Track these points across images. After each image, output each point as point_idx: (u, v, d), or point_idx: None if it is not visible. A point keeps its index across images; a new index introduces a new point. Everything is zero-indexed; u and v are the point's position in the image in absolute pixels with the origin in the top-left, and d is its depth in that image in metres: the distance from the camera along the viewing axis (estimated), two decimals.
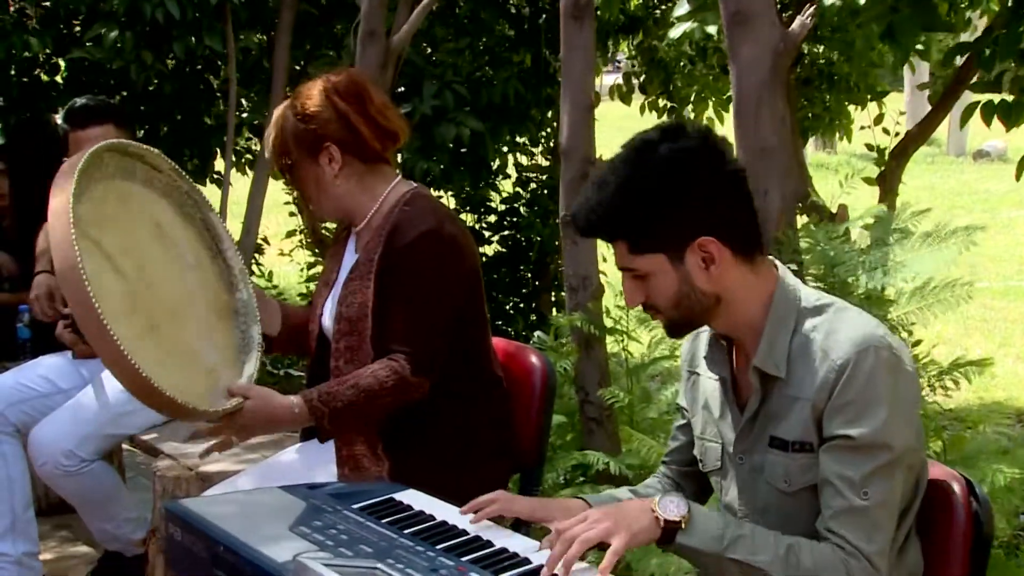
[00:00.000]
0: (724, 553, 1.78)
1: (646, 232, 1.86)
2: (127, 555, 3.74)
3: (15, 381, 3.73)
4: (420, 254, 2.51)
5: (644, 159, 1.84)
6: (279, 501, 2.07)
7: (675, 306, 1.90)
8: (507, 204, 6.80)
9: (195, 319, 2.48)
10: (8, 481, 3.60)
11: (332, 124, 2.57)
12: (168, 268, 2.49)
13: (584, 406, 3.79)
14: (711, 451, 2.03)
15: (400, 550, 1.82)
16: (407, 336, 2.48)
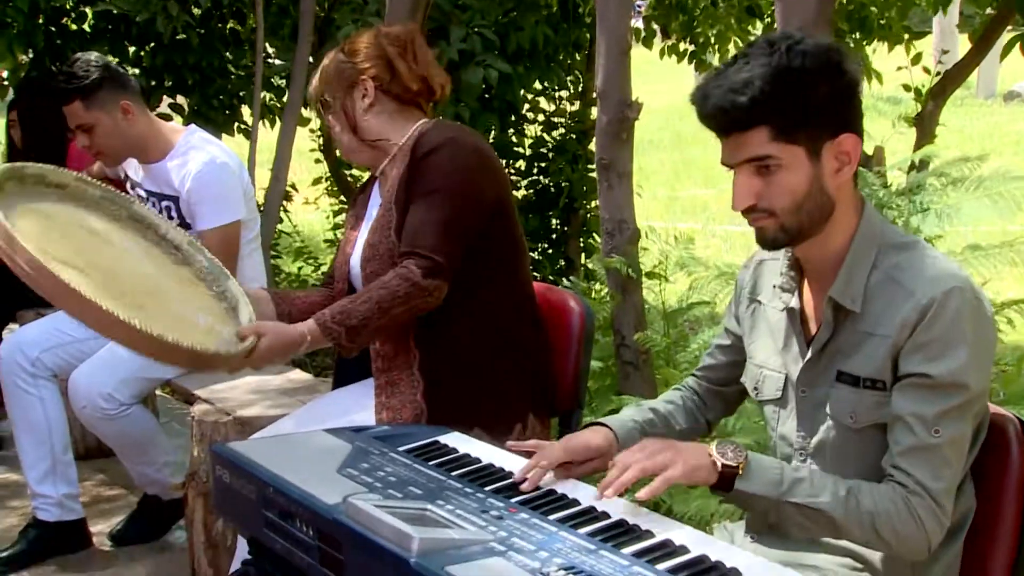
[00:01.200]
0: (783, 497, 1.76)
1: (796, 118, 1.77)
2: (165, 499, 3.77)
3: (51, 327, 3.74)
4: (437, 159, 2.50)
5: (791, 51, 1.76)
6: (325, 444, 2.06)
7: (796, 208, 1.81)
8: (534, 149, 6.76)
9: (170, 294, 2.49)
10: (47, 424, 3.63)
11: (372, 61, 2.61)
12: (121, 261, 2.50)
13: (620, 350, 3.78)
14: (771, 381, 2.00)
15: (449, 492, 1.81)
16: (418, 239, 2.45)
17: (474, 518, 1.69)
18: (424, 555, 1.52)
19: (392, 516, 1.61)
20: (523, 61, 6.06)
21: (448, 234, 2.45)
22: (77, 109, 3.50)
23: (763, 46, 1.79)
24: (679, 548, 1.63)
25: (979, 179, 2.85)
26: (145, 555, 3.73)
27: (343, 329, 2.39)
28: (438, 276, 2.43)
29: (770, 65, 1.75)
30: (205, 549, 3.19)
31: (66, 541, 3.70)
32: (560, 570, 1.51)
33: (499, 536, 1.62)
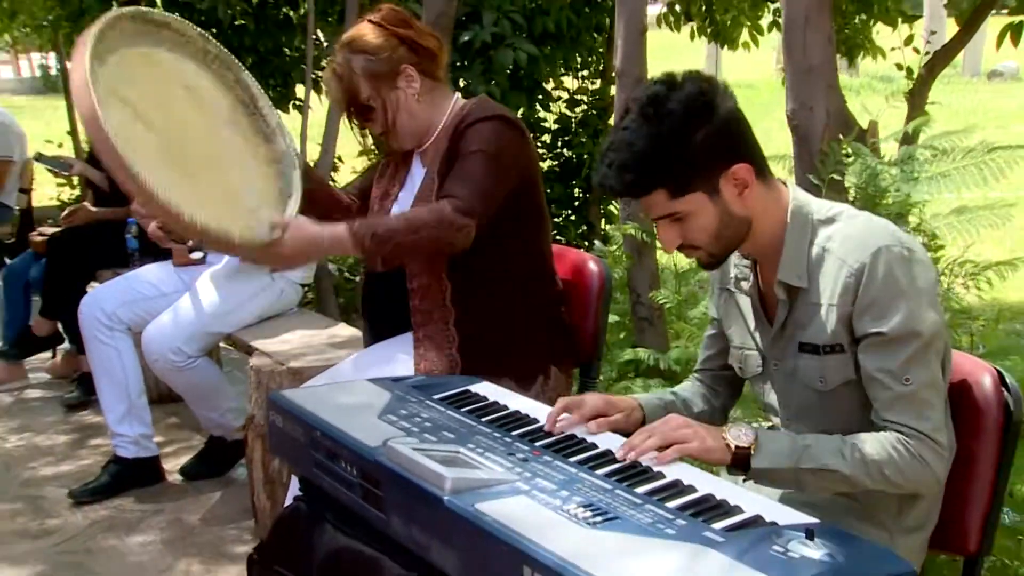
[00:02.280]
0: (796, 465, 1.75)
1: (684, 174, 1.78)
2: (228, 439, 3.81)
3: (125, 285, 3.78)
4: (481, 128, 2.44)
5: (662, 111, 1.75)
6: (368, 392, 2.06)
7: (716, 238, 1.84)
8: (559, 124, 6.72)
9: (234, 166, 2.35)
10: (123, 371, 3.68)
11: (400, 49, 2.49)
12: (201, 122, 2.35)
13: (636, 307, 3.76)
14: (750, 359, 2.00)
15: (479, 436, 1.81)
16: (456, 184, 2.40)
17: (502, 460, 1.68)
18: (456, 493, 1.52)
19: (427, 458, 1.60)
20: (549, 43, 6.01)
21: (481, 187, 2.40)
22: None
23: (637, 113, 1.78)
24: (687, 487, 1.62)
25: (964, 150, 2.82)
26: (211, 489, 3.77)
27: (370, 233, 2.29)
28: (468, 216, 2.36)
29: (647, 135, 1.75)
30: (263, 484, 3.22)
31: (142, 475, 3.76)
32: (579, 507, 1.50)
33: (524, 476, 1.62)
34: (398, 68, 2.49)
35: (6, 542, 3.43)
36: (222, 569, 3.16)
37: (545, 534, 1.41)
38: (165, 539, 3.40)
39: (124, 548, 3.36)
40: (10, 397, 4.91)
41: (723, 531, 1.45)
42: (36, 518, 3.60)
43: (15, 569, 3.24)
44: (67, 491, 3.72)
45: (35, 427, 4.48)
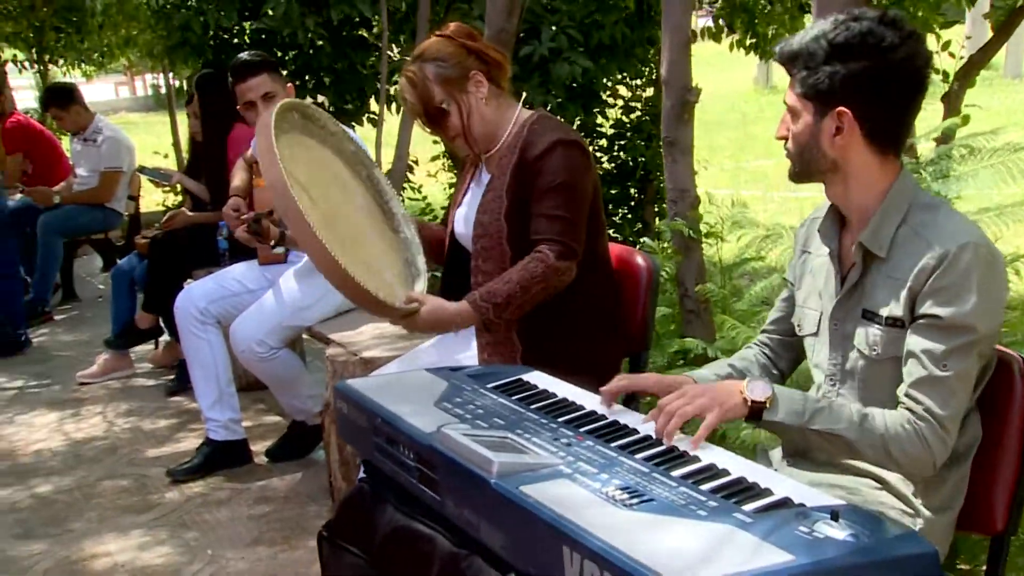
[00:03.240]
0: (806, 425, 1.72)
1: (810, 78, 1.76)
2: (309, 424, 3.83)
3: (216, 283, 3.82)
4: (555, 158, 2.42)
5: (846, 25, 1.74)
6: (426, 381, 2.05)
7: (799, 152, 1.82)
8: (615, 130, 6.67)
9: (371, 246, 2.45)
10: (214, 362, 3.72)
11: (468, 57, 2.48)
12: (346, 206, 2.47)
13: (684, 300, 3.71)
14: (809, 317, 1.95)
15: (527, 422, 1.79)
16: (549, 228, 2.40)
17: (547, 445, 1.66)
18: (502, 476, 1.51)
19: (477, 443, 1.59)
20: (604, 55, 5.96)
21: (571, 223, 2.41)
22: (265, 79, 3.58)
23: (837, 16, 1.77)
24: (721, 471, 1.58)
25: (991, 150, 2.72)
26: (294, 469, 3.79)
27: (490, 306, 2.36)
28: (569, 258, 2.40)
29: (819, 30, 1.75)
30: (339, 466, 3.23)
31: (232, 457, 3.80)
32: (617, 490, 1.48)
33: (567, 461, 1.59)
34: (467, 73, 2.48)
35: (113, 516, 3.49)
36: (301, 543, 3.18)
37: (583, 515, 1.39)
38: (251, 514, 3.44)
39: (215, 522, 3.40)
40: (118, 384, 5.00)
41: (752, 512, 1.42)
42: (139, 494, 3.66)
43: (121, 540, 3.30)
44: (166, 470, 3.78)
45: (139, 412, 4.56)
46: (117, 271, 5.10)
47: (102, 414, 4.58)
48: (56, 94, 6.29)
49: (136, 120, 21.16)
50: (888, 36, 1.72)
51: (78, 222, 6.29)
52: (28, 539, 3.36)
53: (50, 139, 6.97)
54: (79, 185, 6.33)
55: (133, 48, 10.84)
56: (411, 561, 1.73)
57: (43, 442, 4.26)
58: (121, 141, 6.26)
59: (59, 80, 10.25)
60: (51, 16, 10.38)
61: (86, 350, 5.57)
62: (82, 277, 7.37)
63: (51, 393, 4.93)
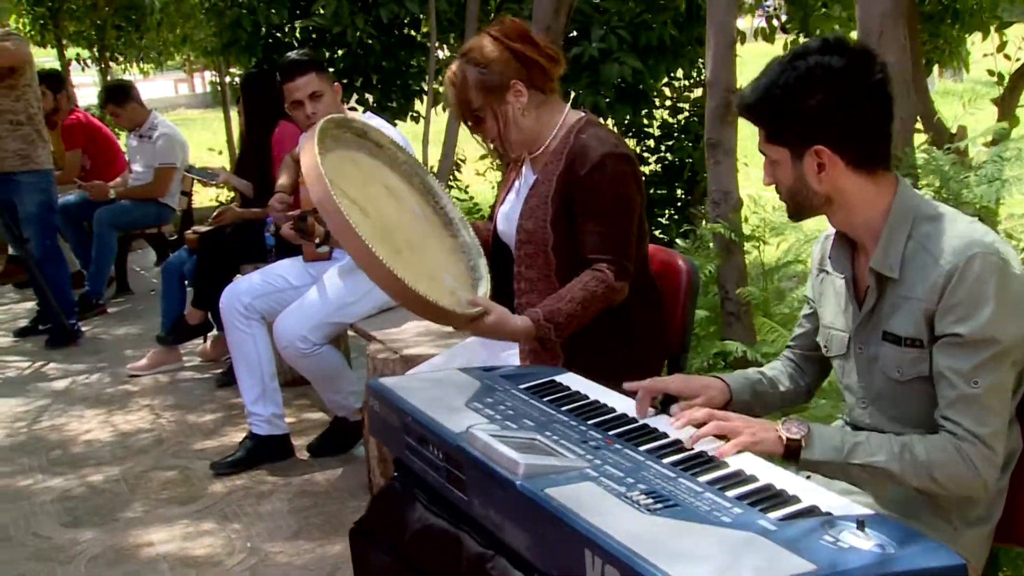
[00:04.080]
0: (846, 460, 1.69)
1: (775, 127, 1.77)
2: (350, 420, 3.85)
3: (261, 279, 3.86)
4: (606, 173, 2.40)
5: (792, 65, 1.73)
6: (459, 380, 2.05)
7: (790, 195, 1.82)
8: (663, 131, 6.63)
9: (430, 253, 2.46)
10: (257, 357, 3.75)
11: (512, 64, 2.44)
12: (401, 216, 2.47)
13: (724, 302, 3.67)
14: (836, 339, 1.91)
15: (556, 424, 1.78)
16: (606, 247, 2.40)
17: (575, 447, 1.66)
18: (528, 478, 1.51)
19: (504, 444, 1.59)
20: (652, 55, 5.93)
21: (625, 242, 2.42)
22: (313, 78, 3.62)
23: (787, 56, 1.76)
24: (748, 477, 1.56)
25: None
26: (335, 465, 3.81)
27: (552, 326, 2.35)
28: (626, 278, 2.41)
29: (769, 79, 1.74)
30: (378, 462, 3.25)
31: (274, 451, 3.83)
32: (642, 494, 1.47)
33: (594, 464, 1.59)
34: (508, 83, 2.45)
35: (159, 506, 3.55)
36: (340, 538, 3.20)
37: (606, 518, 1.38)
38: (292, 508, 3.47)
39: (256, 515, 3.43)
40: (166, 378, 5.07)
41: (777, 520, 1.40)
42: (184, 486, 3.71)
43: (166, 530, 3.35)
44: (210, 463, 3.82)
45: (186, 405, 4.63)
46: (167, 266, 5.17)
47: (150, 406, 4.65)
48: (113, 92, 6.41)
49: (194, 116, 21.46)
50: (834, 62, 1.70)
51: (132, 216, 6.40)
52: (76, 527, 3.43)
53: (108, 135, 7.11)
54: (134, 180, 6.44)
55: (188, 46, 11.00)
56: (438, 560, 1.74)
57: (93, 432, 4.34)
58: (175, 138, 6.36)
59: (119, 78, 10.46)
60: (112, 15, 10.58)
61: (137, 343, 5.66)
62: (135, 271, 7.49)
63: (102, 385, 5.02)
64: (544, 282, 2.49)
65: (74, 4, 10.43)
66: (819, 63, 1.71)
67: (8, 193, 5.57)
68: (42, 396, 4.88)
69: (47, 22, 10.54)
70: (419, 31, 6.54)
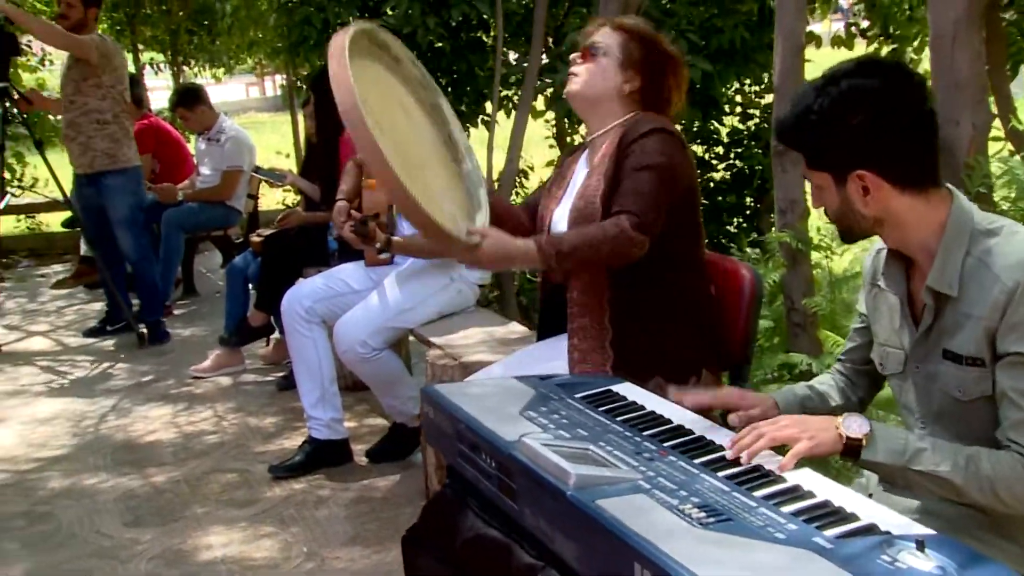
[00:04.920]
0: (908, 465, 1.66)
1: (815, 153, 1.76)
2: (409, 426, 3.88)
3: (322, 283, 3.91)
4: (650, 142, 2.43)
5: (827, 90, 1.71)
6: (514, 389, 2.05)
7: (839, 219, 1.80)
8: (732, 137, 6.57)
9: (435, 175, 2.45)
10: (318, 360, 3.80)
11: (651, 68, 2.54)
12: (411, 134, 2.47)
13: (790, 313, 3.63)
14: (892, 356, 1.88)
15: (611, 435, 1.78)
16: (630, 201, 2.39)
17: (628, 459, 1.65)
18: (579, 489, 1.50)
19: (556, 454, 1.59)
20: (723, 60, 5.87)
21: (654, 202, 2.40)
22: None
23: (820, 80, 1.75)
24: (806, 493, 1.54)
25: None
26: (393, 471, 3.84)
27: (554, 251, 2.35)
28: (644, 231, 2.38)
29: (804, 104, 1.73)
30: (436, 469, 3.26)
31: (333, 456, 3.86)
32: (694, 508, 1.46)
33: (647, 476, 1.58)
34: (631, 60, 2.53)
35: (218, 509, 3.61)
36: (395, 544, 3.17)
37: (657, 532, 1.38)
38: (349, 514, 3.50)
39: (313, 519, 3.47)
40: (229, 380, 5.16)
41: (834, 538, 1.38)
42: (243, 489, 3.77)
43: (225, 533, 3.41)
44: (268, 467, 3.88)
45: (248, 408, 4.70)
46: (232, 268, 5.26)
47: (212, 408, 4.74)
48: (183, 95, 6.57)
49: (264, 120, 21.83)
50: (871, 83, 1.68)
51: (199, 218, 6.54)
52: (137, 527, 3.50)
53: (177, 139, 7.27)
54: (202, 183, 6.58)
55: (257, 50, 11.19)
56: (488, 569, 1.74)
57: (156, 433, 4.43)
58: (243, 141, 6.49)
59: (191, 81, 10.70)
60: (185, 20, 10.83)
61: (202, 345, 5.77)
62: (202, 272, 7.64)
63: (166, 386, 5.13)
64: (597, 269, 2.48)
65: (149, 10, 10.70)
66: (853, 85, 1.69)
67: (98, 196, 5.70)
68: (109, 396, 5.00)
69: (124, 27, 10.83)
70: (489, 34, 6.56)
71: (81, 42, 5.42)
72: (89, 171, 5.63)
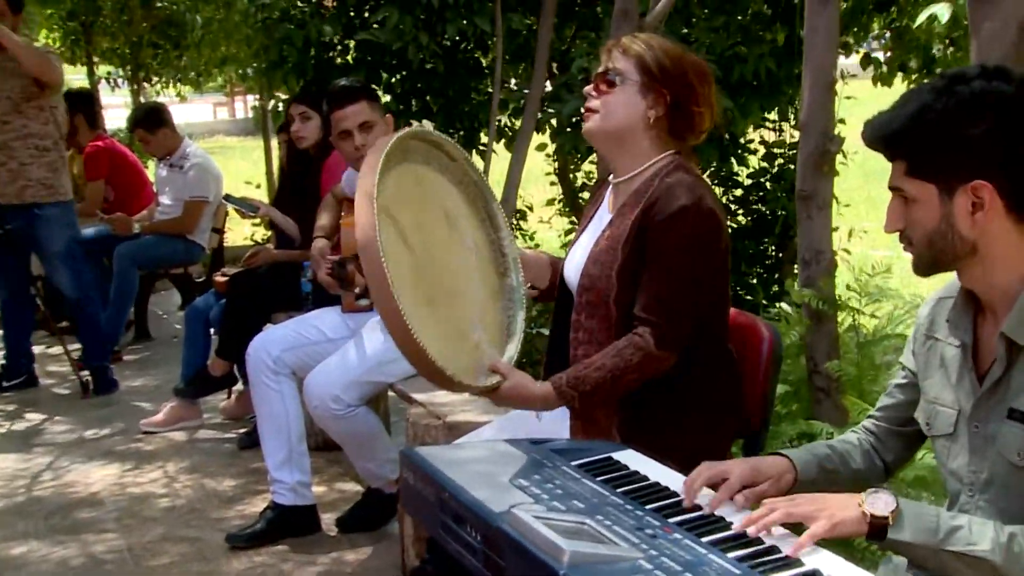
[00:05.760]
0: (941, 546, 1.67)
1: (925, 157, 1.75)
2: (385, 492, 3.88)
3: (293, 329, 3.93)
4: (680, 227, 2.40)
5: (951, 89, 1.72)
6: (504, 454, 2.08)
7: (928, 243, 1.79)
8: (753, 179, 6.63)
9: (468, 298, 2.51)
10: (285, 415, 3.81)
11: (676, 83, 2.47)
12: (450, 249, 2.53)
13: (813, 376, 3.66)
14: (943, 416, 1.89)
15: (610, 507, 1.80)
16: (656, 309, 2.41)
17: (629, 535, 1.67)
18: (574, 567, 1.52)
19: (549, 528, 1.61)
20: (745, 92, 5.95)
21: (683, 306, 2.42)
22: (364, 107, 3.75)
23: (939, 80, 1.76)
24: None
25: None
26: (365, 542, 3.84)
27: (577, 394, 2.41)
28: (670, 348, 2.41)
29: (920, 103, 1.73)
30: (414, 542, 3.27)
31: (298, 524, 3.86)
32: None
33: (649, 554, 1.60)
34: (653, 86, 2.47)
35: None
36: None
37: None
38: None
39: None
40: (184, 436, 5.16)
41: None
42: (196, 561, 3.76)
43: None
44: (226, 535, 3.87)
45: (205, 468, 4.70)
46: (192, 310, 5.28)
47: (163, 468, 4.73)
48: (144, 115, 6.58)
49: (233, 144, 21.97)
50: (1003, 88, 1.71)
51: (157, 253, 6.55)
52: None
53: (134, 164, 7.30)
54: (161, 214, 6.61)
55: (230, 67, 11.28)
56: None
57: (99, 496, 4.42)
58: (209, 169, 6.53)
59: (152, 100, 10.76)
60: (149, 32, 10.90)
61: (154, 395, 5.78)
62: (158, 314, 7.67)
63: (112, 442, 5.12)
64: (605, 334, 2.50)
65: (108, 19, 10.77)
66: (986, 89, 1.71)
67: (30, 228, 5.61)
68: (45, 452, 4.98)
69: (79, 37, 10.91)
70: (487, 55, 6.63)
71: (53, 65, 5.42)
72: (16, 201, 5.55)
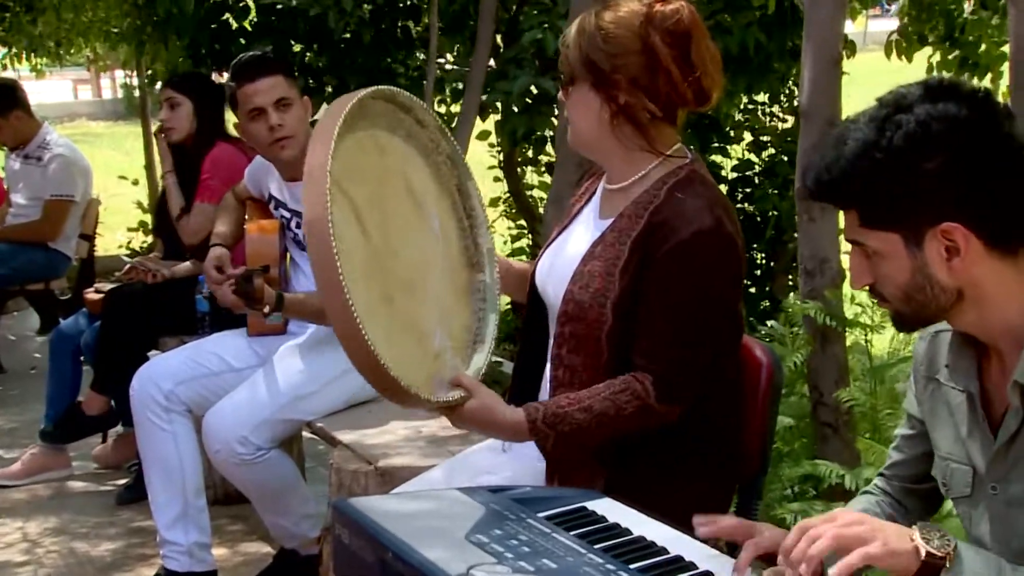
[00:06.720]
0: None
1: (879, 205, 1.76)
2: (301, 553, 3.86)
3: (187, 358, 3.90)
4: (694, 258, 2.37)
5: (894, 120, 1.73)
6: (458, 504, 2.08)
7: (905, 298, 1.81)
8: (738, 172, 6.67)
9: (431, 296, 2.51)
10: (179, 463, 3.78)
11: (632, 58, 2.40)
12: (413, 234, 2.52)
13: (818, 408, 3.70)
14: (959, 475, 1.91)
15: (587, 567, 1.81)
16: (660, 354, 2.39)
17: None
18: None
19: None
20: (729, 69, 6.01)
21: (692, 353, 2.42)
22: (280, 81, 3.75)
23: (878, 110, 1.77)
24: None
25: None
26: None
27: (553, 433, 2.38)
28: (673, 403, 2.41)
29: (861, 142, 1.74)
30: None
31: None
32: None
33: None
34: (609, 78, 2.41)
35: None
36: None
37: None
38: None
39: None
40: (48, 490, 5.08)
41: None
42: None
43: None
44: None
45: (75, 529, 4.64)
46: (57, 335, 5.22)
47: (22, 529, 4.66)
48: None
49: (100, 131, 21.74)
50: (952, 111, 1.72)
51: (9, 266, 6.45)
52: None
53: None
54: (14, 216, 6.52)
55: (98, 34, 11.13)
56: None
57: None
58: (75, 162, 6.44)
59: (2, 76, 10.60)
60: None
61: (10, 441, 5.70)
62: (11, 340, 7.57)
63: None
64: (591, 373, 2.48)
65: None
66: (933, 113, 1.72)
67: None
68: None
69: None
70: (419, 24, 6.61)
71: None
72: None
